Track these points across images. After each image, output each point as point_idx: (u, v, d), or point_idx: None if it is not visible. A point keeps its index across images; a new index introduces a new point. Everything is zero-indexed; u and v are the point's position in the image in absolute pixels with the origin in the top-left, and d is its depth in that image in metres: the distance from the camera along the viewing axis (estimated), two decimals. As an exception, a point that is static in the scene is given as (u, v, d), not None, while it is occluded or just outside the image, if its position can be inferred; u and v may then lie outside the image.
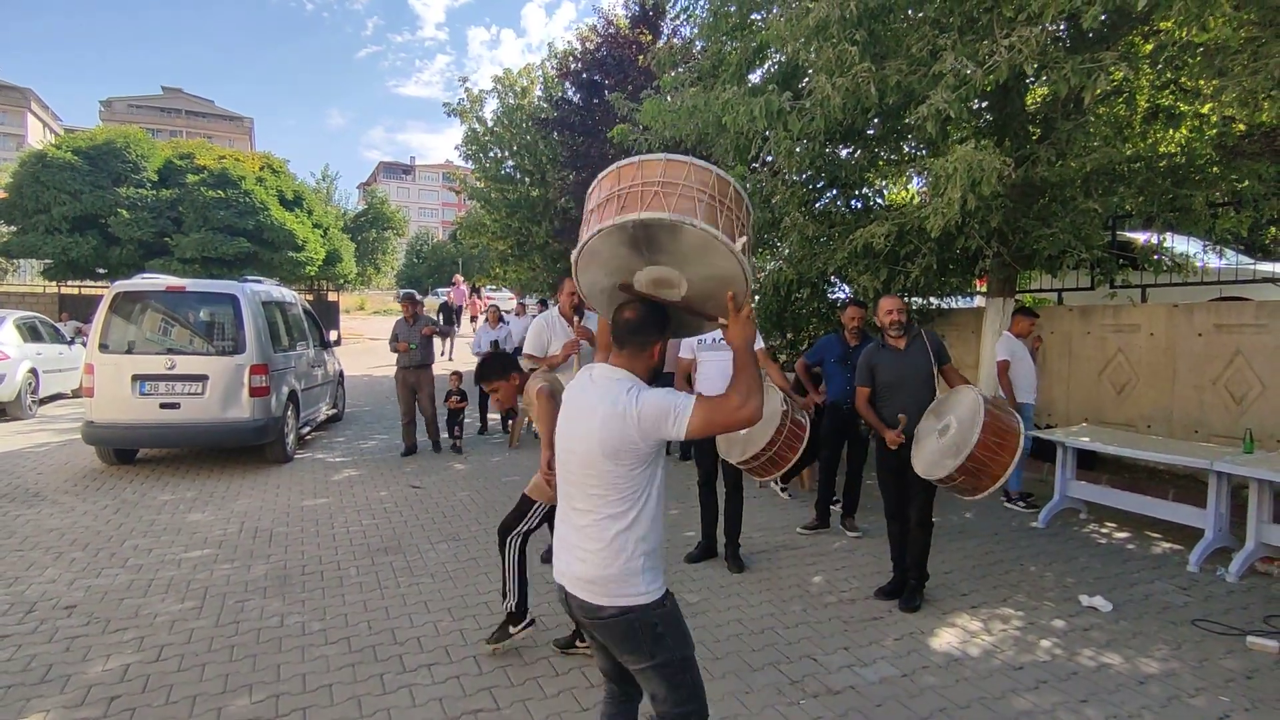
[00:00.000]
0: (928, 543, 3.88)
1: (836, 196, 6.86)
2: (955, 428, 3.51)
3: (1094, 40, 4.93)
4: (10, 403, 9.35)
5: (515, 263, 15.57)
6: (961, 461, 3.33)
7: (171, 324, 6.82)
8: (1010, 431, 3.36)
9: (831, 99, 4.72)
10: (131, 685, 3.00)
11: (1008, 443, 3.32)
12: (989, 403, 3.44)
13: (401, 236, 45.74)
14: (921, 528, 3.85)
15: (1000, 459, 3.31)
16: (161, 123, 63.46)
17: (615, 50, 11.13)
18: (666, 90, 6.60)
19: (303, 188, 27.03)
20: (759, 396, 1.76)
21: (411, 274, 53.55)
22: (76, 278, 21.75)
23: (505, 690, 2.98)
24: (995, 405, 3.49)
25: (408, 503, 5.79)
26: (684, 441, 7.22)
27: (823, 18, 4.64)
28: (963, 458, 3.32)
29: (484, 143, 15.41)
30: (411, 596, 3.95)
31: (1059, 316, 7.00)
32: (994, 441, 3.31)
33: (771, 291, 7.16)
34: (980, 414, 3.34)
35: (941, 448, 3.54)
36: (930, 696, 2.96)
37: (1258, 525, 4.23)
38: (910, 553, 3.88)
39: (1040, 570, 4.40)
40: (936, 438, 3.61)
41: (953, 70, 4.29)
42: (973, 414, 3.40)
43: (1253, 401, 5.53)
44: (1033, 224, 5.52)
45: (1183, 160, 5.69)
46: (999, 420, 3.38)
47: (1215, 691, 3.00)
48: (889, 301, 4.04)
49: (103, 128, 25.38)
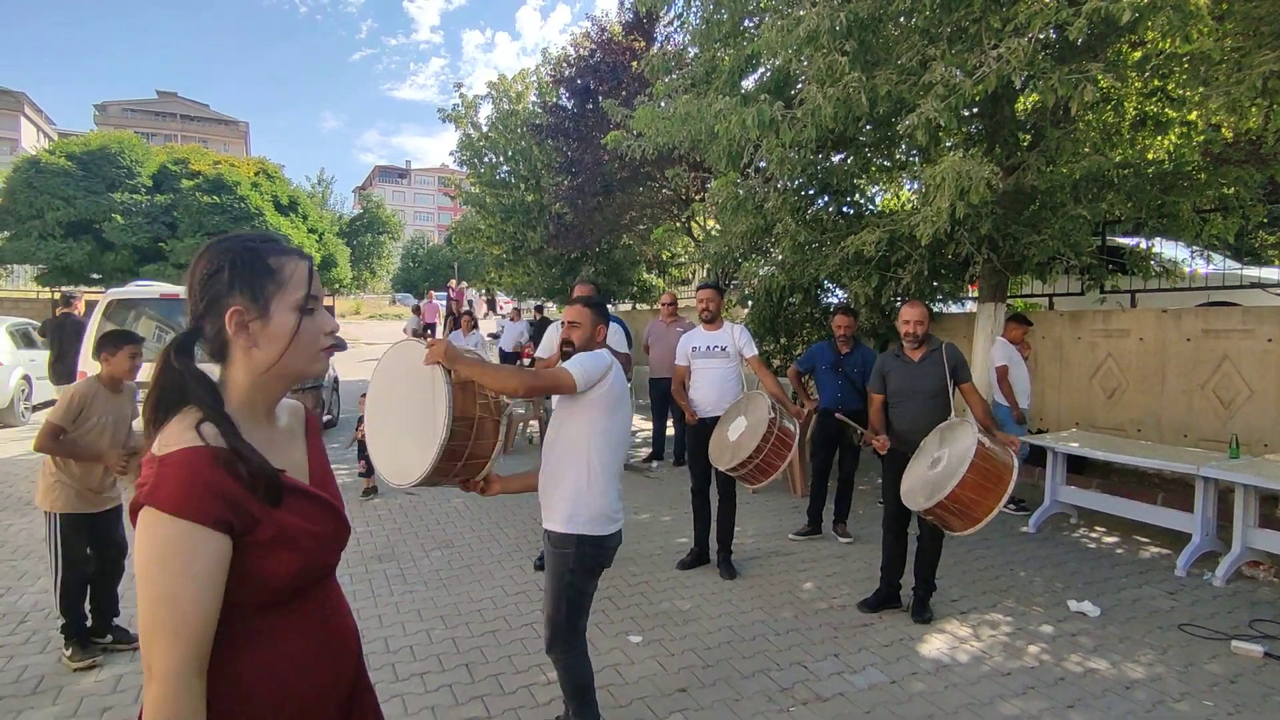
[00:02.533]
0: (938, 554, 3.83)
1: (828, 203, 6.89)
2: (944, 465, 3.38)
3: (1081, 50, 4.98)
4: (3, 409, 9.33)
5: (510, 267, 15.60)
6: (931, 505, 3.25)
7: (165, 331, 6.83)
8: (1000, 477, 3.20)
9: (823, 108, 4.75)
10: (124, 696, 3.01)
11: (996, 488, 3.17)
12: (982, 448, 3.23)
13: (397, 240, 45.75)
14: (933, 539, 3.78)
15: (985, 503, 3.18)
16: (156, 127, 63.36)
17: (609, 56, 11.17)
18: (660, 97, 6.64)
19: (298, 192, 27.05)
20: (508, 381, 2.16)
21: (407, 278, 53.52)
22: (70, 283, 21.67)
23: (497, 699, 3.00)
24: (990, 448, 3.28)
25: (401, 510, 5.80)
26: (678, 449, 7.25)
27: (813, 28, 4.67)
28: (934, 501, 3.23)
29: (479, 148, 15.44)
30: (404, 604, 3.96)
31: (1050, 321, 7.05)
32: (980, 485, 3.17)
33: (764, 297, 7.20)
34: (966, 464, 3.16)
35: (925, 480, 3.45)
36: (919, 703, 2.99)
37: (1244, 530, 4.27)
38: (919, 564, 3.83)
39: (1030, 575, 4.43)
40: (928, 466, 3.50)
41: (942, 80, 4.34)
42: (961, 460, 3.24)
43: (1240, 406, 5.58)
44: (1023, 230, 5.56)
45: (1170, 167, 5.75)
46: (989, 464, 3.21)
47: (1200, 696, 3.03)
48: (909, 310, 3.85)
49: (97, 132, 25.37)
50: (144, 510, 0.95)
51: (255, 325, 1.07)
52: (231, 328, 1.06)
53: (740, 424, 4.13)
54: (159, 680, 0.91)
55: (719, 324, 4.51)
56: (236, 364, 1.09)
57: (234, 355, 1.08)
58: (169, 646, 0.92)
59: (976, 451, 3.18)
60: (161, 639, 0.92)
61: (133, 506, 0.98)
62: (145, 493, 0.96)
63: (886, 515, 3.95)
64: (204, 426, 1.00)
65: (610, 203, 11.13)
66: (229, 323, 1.05)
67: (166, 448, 0.99)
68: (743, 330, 4.46)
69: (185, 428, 1.00)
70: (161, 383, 1.05)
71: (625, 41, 11.30)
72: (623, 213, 11.70)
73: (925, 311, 3.87)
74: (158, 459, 0.98)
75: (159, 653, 0.92)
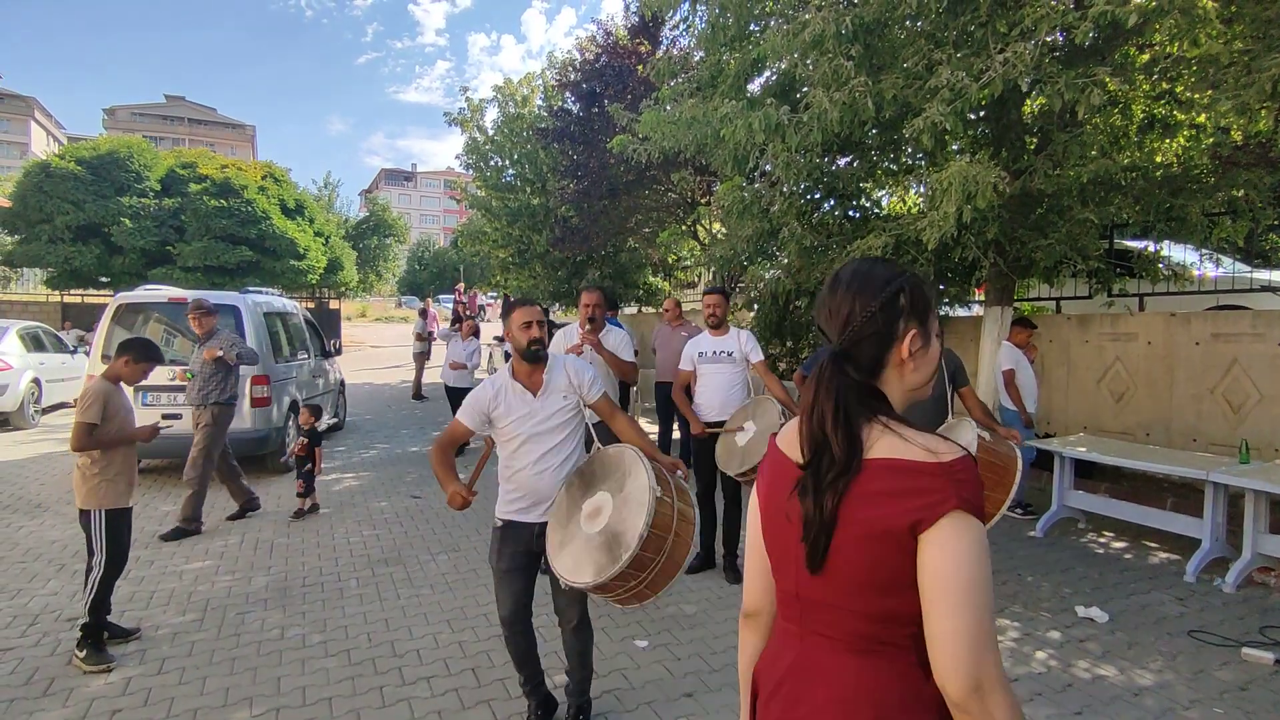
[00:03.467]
0: None
1: (834, 207, 6.89)
2: None
3: (1088, 53, 4.97)
4: (13, 413, 9.40)
5: (516, 271, 15.60)
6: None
7: (174, 335, 6.87)
8: (1005, 469, 3.23)
9: (829, 112, 4.75)
10: (133, 698, 3.03)
11: (1002, 480, 3.20)
12: (983, 442, 3.28)
13: (403, 243, 45.93)
14: None
15: (993, 497, 3.20)
16: (164, 131, 63.84)
17: (615, 61, 11.17)
18: (665, 101, 6.65)
19: (304, 196, 27.16)
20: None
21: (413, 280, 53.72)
22: (79, 287, 21.84)
23: (503, 704, 3.00)
24: (990, 443, 3.33)
25: (408, 513, 5.81)
26: (684, 453, 7.25)
27: (819, 32, 4.68)
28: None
29: (484, 151, 15.47)
30: (411, 608, 3.97)
31: (1057, 325, 7.03)
32: (986, 480, 3.20)
33: (770, 301, 7.19)
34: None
35: None
36: (926, 709, 2.97)
37: (1254, 535, 4.24)
38: None
39: (1037, 580, 4.41)
40: None
41: (948, 84, 4.33)
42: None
43: (1250, 410, 5.55)
44: (1030, 234, 5.54)
45: (1178, 170, 5.72)
46: (992, 458, 3.25)
47: (1210, 704, 3.01)
48: None
49: (106, 137, 25.55)
50: (960, 517, 0.95)
51: (919, 351, 1.13)
52: (905, 351, 1.11)
53: (750, 429, 4.13)
54: (1002, 690, 0.91)
55: (725, 329, 4.50)
56: (890, 384, 1.13)
57: (887, 376, 1.13)
58: (997, 657, 0.93)
59: (978, 447, 3.22)
60: (994, 650, 0.92)
61: (916, 517, 0.96)
62: (960, 500, 0.95)
63: None
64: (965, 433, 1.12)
65: (616, 206, 11.13)
66: (905, 346, 1.11)
67: (941, 455, 0.99)
68: (749, 335, 4.46)
69: (951, 439, 1.05)
70: (842, 398, 1.06)
71: (630, 45, 11.32)
72: (628, 216, 11.70)
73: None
74: (943, 465, 0.98)
75: (993, 662, 0.91)
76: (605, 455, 2.68)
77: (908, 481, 0.98)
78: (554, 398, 2.72)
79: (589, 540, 2.43)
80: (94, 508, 3.42)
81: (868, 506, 1.00)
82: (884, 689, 1.01)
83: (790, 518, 1.09)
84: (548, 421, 2.70)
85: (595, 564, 2.37)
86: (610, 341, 4.27)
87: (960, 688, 0.91)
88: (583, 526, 2.50)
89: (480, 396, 2.69)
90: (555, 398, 2.73)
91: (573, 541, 2.49)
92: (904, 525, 0.96)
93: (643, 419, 10.32)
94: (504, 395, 2.69)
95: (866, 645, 1.03)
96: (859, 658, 1.03)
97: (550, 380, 2.73)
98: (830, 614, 1.06)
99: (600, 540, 2.41)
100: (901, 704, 1.01)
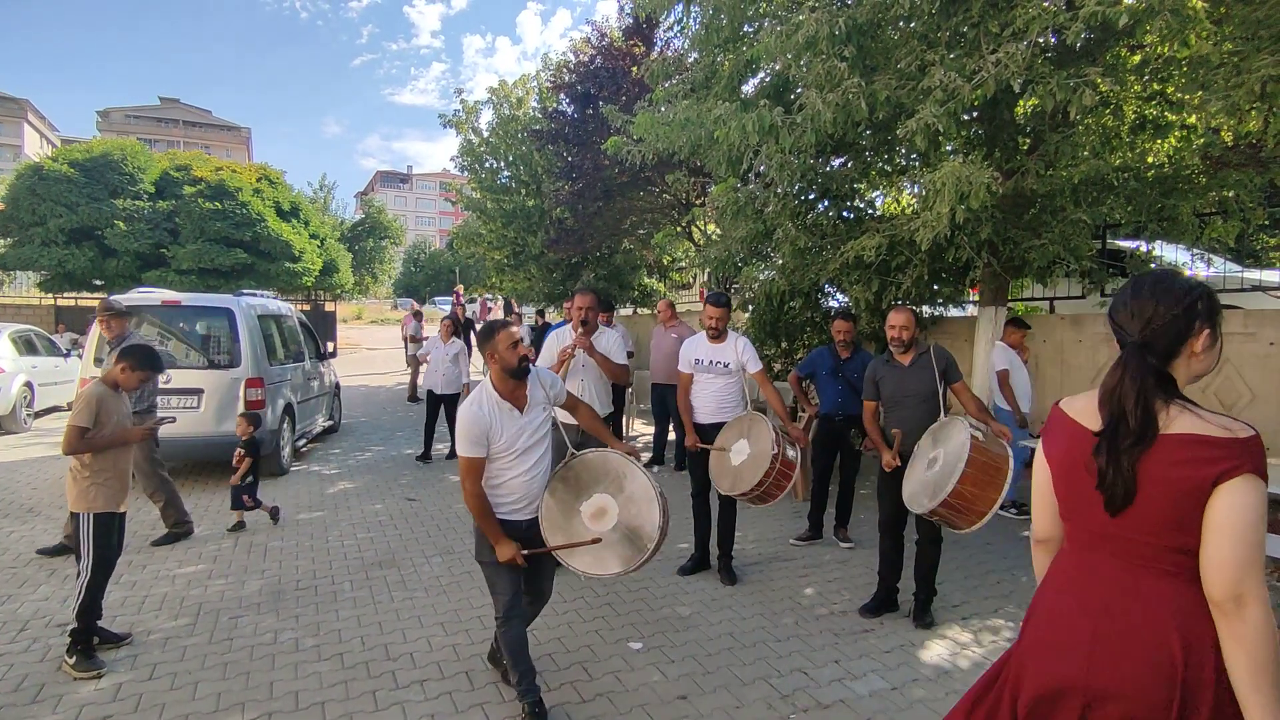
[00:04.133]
0: (937, 558, 3.82)
1: (828, 208, 6.89)
2: (940, 464, 3.40)
3: (1080, 54, 4.99)
4: (5, 416, 9.34)
5: (511, 272, 15.59)
6: (935, 505, 3.25)
7: (167, 338, 6.83)
8: (998, 469, 3.23)
9: (822, 113, 4.76)
10: (124, 704, 3.01)
11: (994, 480, 3.20)
12: (976, 442, 3.27)
13: (399, 245, 45.88)
14: (931, 543, 3.78)
15: (986, 495, 3.20)
16: (159, 133, 63.65)
17: (609, 62, 11.18)
18: (660, 102, 6.65)
19: (299, 198, 27.11)
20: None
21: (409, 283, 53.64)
22: (73, 290, 21.75)
23: (497, 706, 2.99)
24: (984, 442, 3.32)
25: (403, 516, 5.80)
26: (679, 454, 7.24)
27: (812, 33, 4.69)
28: (938, 501, 3.24)
29: (479, 153, 15.46)
30: (405, 611, 3.96)
31: (1051, 325, 7.04)
32: (979, 479, 3.20)
33: (764, 302, 7.19)
34: (963, 460, 3.19)
35: (925, 481, 3.46)
36: (920, 710, 2.98)
37: (1247, 534, 4.24)
38: (919, 568, 3.83)
39: (1031, 580, 4.39)
40: (925, 467, 3.52)
41: (941, 85, 4.34)
42: (957, 457, 3.27)
43: (1242, 410, 5.56)
44: (1023, 235, 5.56)
45: (1170, 170, 5.74)
46: (985, 458, 3.24)
47: (1203, 702, 3.01)
48: (896, 316, 3.88)
49: (99, 140, 25.48)
50: (1251, 478, 1.26)
51: (1208, 347, 1.41)
52: (1199, 348, 1.40)
53: (743, 448, 4.08)
54: (1261, 604, 1.23)
55: (724, 338, 4.46)
56: (1178, 371, 1.42)
57: (1176, 365, 1.42)
58: (1261, 579, 1.25)
59: (971, 446, 3.22)
60: (1259, 574, 1.24)
61: (1217, 477, 1.28)
62: (1252, 467, 1.26)
63: (882, 519, 3.95)
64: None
65: (611, 208, 11.14)
66: (1200, 342, 1.40)
67: (1236, 433, 1.30)
68: (746, 344, 4.41)
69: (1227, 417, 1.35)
70: (1143, 381, 1.37)
71: (625, 47, 11.33)
72: (623, 218, 11.71)
73: (911, 317, 3.91)
74: (1239, 440, 1.28)
75: (1257, 582, 1.24)
76: (588, 462, 2.99)
77: (1212, 451, 1.28)
78: (535, 410, 2.92)
79: (606, 538, 2.85)
80: (83, 511, 3.40)
81: (1176, 469, 1.30)
82: (1181, 597, 1.33)
83: (1090, 470, 1.41)
84: (535, 434, 2.91)
85: (620, 557, 2.84)
86: (603, 344, 4.25)
87: (1224, 594, 1.25)
88: (589, 526, 2.88)
89: (476, 425, 2.75)
90: (537, 410, 2.93)
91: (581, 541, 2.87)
92: (1208, 483, 1.27)
93: (638, 420, 10.32)
94: (495, 418, 2.79)
95: (1164, 569, 1.35)
96: (1160, 579, 1.35)
97: (531, 395, 2.91)
98: (1135, 547, 1.38)
99: (618, 536, 2.86)
100: (1193, 610, 1.31)
